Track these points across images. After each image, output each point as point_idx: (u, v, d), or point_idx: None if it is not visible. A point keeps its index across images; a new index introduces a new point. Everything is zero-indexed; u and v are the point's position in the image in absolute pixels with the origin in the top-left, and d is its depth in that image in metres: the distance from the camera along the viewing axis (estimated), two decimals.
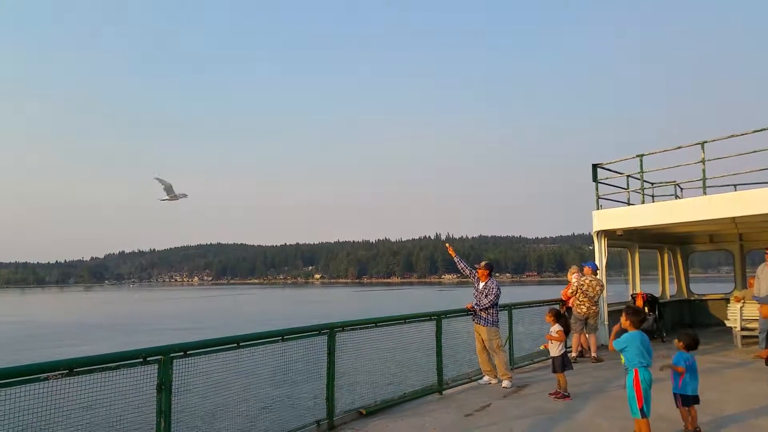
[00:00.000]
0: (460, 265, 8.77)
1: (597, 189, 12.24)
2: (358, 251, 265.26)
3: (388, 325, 7.38)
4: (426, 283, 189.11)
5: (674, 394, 5.63)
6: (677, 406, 5.63)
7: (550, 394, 7.42)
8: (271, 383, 5.87)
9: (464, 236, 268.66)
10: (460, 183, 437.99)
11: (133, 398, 4.52)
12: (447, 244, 9.37)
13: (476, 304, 8.32)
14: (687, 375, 5.56)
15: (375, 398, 7.01)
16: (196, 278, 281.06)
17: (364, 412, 6.63)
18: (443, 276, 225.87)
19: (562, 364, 7.39)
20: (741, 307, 11.31)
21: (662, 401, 5.87)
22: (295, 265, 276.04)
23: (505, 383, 8.10)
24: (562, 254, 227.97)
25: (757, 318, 10.46)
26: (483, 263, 8.60)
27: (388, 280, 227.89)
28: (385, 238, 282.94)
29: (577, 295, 10.39)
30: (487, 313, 8.26)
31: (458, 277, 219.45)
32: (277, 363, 5.83)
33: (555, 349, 7.46)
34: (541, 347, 8.16)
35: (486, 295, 8.25)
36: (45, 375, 3.89)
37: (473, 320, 8.45)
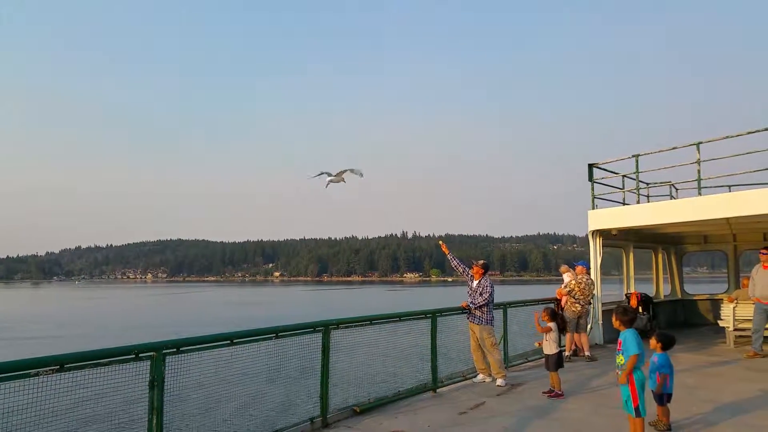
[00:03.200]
0: (454, 263, 8.74)
1: (593, 188, 12.26)
2: (320, 249, 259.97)
3: (383, 323, 7.37)
4: (387, 282, 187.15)
5: (663, 394, 5.64)
6: (662, 404, 5.65)
7: (544, 392, 7.43)
8: (265, 380, 5.84)
9: (431, 234, 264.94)
10: (431, 181, 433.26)
11: (126, 394, 4.50)
12: (440, 242, 9.33)
13: (471, 302, 8.32)
14: (670, 374, 5.61)
15: (369, 396, 6.99)
16: (149, 275, 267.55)
17: (358, 410, 6.62)
18: (405, 275, 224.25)
19: (556, 362, 7.40)
20: (734, 308, 11.35)
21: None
22: (255, 263, 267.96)
23: (499, 381, 8.11)
24: (526, 253, 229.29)
25: (750, 318, 10.53)
26: (480, 262, 8.60)
27: (349, 279, 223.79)
28: (352, 236, 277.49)
29: (574, 293, 10.40)
30: (482, 312, 8.26)
31: (420, 276, 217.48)
32: (270, 360, 5.81)
33: (550, 348, 7.48)
34: (536, 345, 8.18)
35: (480, 294, 8.25)
36: (36, 371, 3.86)
37: (468, 318, 8.45)
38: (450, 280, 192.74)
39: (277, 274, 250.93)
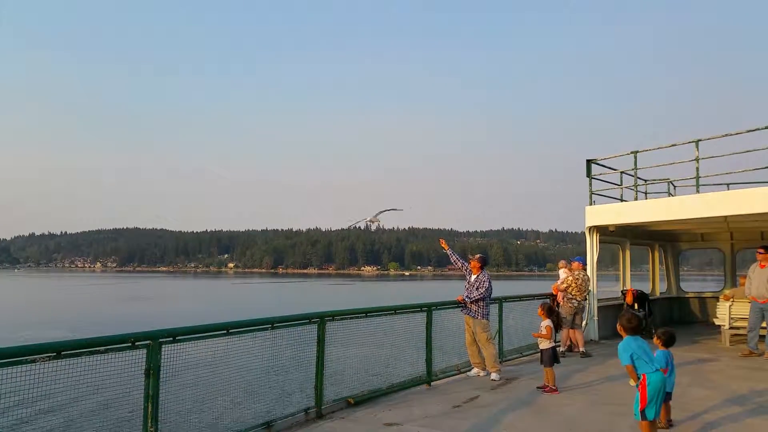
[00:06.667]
0: (453, 258, 8.80)
1: (590, 184, 12.25)
2: (277, 240, 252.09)
3: (378, 316, 7.40)
4: (344, 275, 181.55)
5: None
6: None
7: (538, 387, 7.47)
8: (260, 371, 5.87)
9: (395, 227, 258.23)
10: (399, 175, 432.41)
11: (122, 382, 4.52)
12: (441, 239, 9.38)
13: (467, 296, 8.35)
14: (669, 372, 5.59)
15: (363, 388, 7.03)
16: (99, 264, 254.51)
17: (352, 401, 6.66)
18: (363, 268, 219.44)
19: (551, 357, 7.43)
20: (730, 306, 11.39)
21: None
22: (210, 253, 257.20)
23: (494, 376, 8.15)
24: (487, 248, 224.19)
25: (746, 316, 10.57)
26: (477, 256, 8.62)
27: (305, 271, 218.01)
28: (316, 227, 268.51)
29: (570, 289, 10.42)
30: (477, 306, 8.29)
31: (378, 270, 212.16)
32: (266, 351, 5.84)
33: (544, 343, 7.50)
34: (533, 335, 8.18)
35: (477, 288, 8.27)
36: (32, 357, 3.87)
37: (463, 312, 8.48)
38: (407, 274, 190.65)
39: (231, 265, 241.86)
